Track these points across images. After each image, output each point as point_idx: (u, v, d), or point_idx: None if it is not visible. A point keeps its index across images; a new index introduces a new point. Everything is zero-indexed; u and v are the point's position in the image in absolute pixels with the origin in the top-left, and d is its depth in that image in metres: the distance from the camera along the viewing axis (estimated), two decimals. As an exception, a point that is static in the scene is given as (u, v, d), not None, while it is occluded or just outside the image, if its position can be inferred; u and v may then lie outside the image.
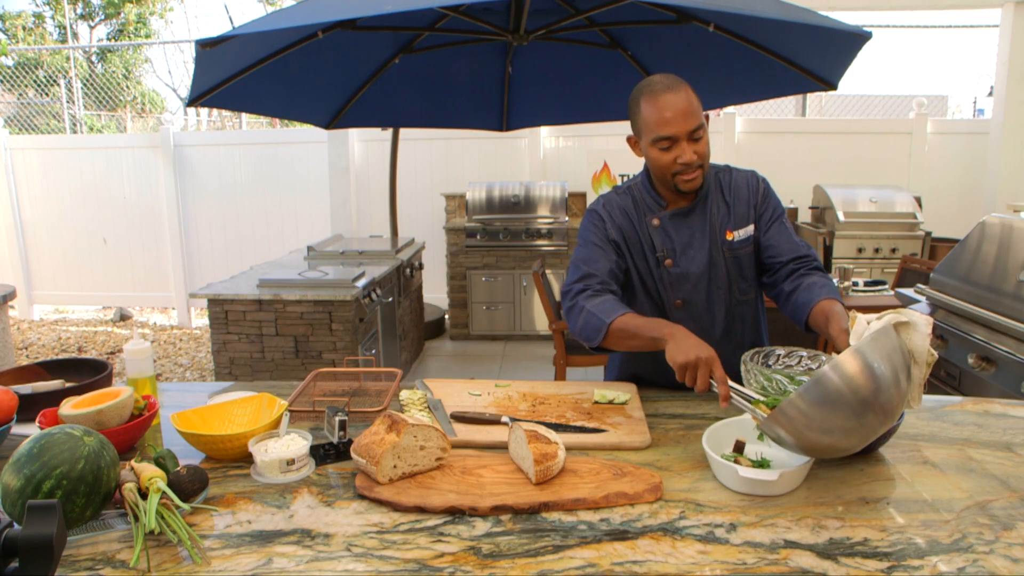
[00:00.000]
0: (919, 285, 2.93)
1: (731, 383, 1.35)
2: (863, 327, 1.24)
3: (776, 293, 1.73)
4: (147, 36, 14.64)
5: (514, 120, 3.48)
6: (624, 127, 1.79)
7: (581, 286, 1.68)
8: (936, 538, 1.06)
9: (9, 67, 11.25)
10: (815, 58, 2.46)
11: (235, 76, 2.37)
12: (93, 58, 14.17)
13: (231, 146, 6.57)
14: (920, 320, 1.17)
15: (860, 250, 5.11)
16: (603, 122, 3.45)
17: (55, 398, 1.48)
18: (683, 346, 1.41)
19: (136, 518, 1.08)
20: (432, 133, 6.17)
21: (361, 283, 3.75)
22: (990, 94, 6.64)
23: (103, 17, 14.57)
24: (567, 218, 5.62)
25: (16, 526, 0.78)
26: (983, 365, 2.42)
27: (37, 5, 14.01)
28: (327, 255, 4.64)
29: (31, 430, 1.32)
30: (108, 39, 14.74)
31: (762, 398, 1.32)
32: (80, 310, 7.28)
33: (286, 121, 8.48)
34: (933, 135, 6.05)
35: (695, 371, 1.38)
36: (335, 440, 1.40)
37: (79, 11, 14.31)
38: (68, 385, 1.68)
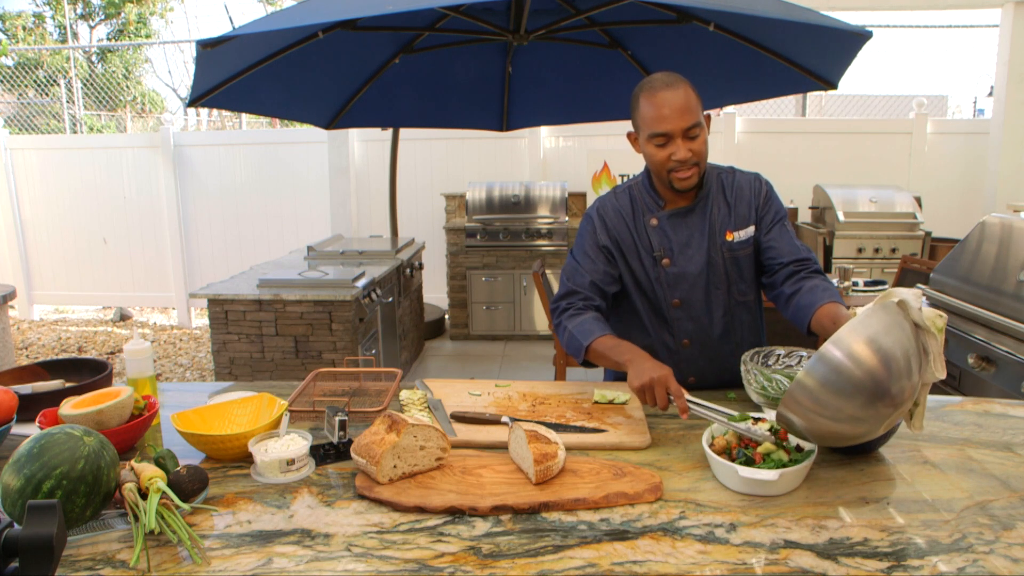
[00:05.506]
0: (919, 285, 2.92)
1: (688, 396, 1.39)
2: None
3: (776, 295, 1.73)
4: (147, 36, 14.63)
5: (514, 120, 3.48)
6: (624, 127, 1.80)
7: (564, 304, 1.76)
8: (936, 538, 1.07)
9: (9, 67, 11.25)
10: (815, 58, 2.46)
11: (235, 76, 2.37)
12: (93, 58, 14.16)
13: (231, 146, 6.57)
14: (908, 294, 1.16)
15: (860, 250, 5.11)
16: (603, 122, 3.46)
17: (55, 398, 1.48)
18: (638, 370, 1.46)
19: (136, 518, 1.08)
20: (432, 133, 6.16)
21: (361, 283, 3.75)
22: (990, 94, 6.64)
23: (103, 17, 14.56)
24: (567, 218, 5.62)
25: (16, 526, 0.78)
26: (983, 365, 2.42)
27: (37, 5, 14.01)
28: (327, 255, 4.64)
29: (31, 430, 1.32)
30: (108, 39, 14.74)
31: (722, 409, 1.36)
32: (80, 310, 7.27)
33: (286, 121, 8.49)
34: (933, 135, 6.04)
35: (652, 391, 1.42)
36: (335, 440, 1.40)
37: (79, 11, 14.30)
38: (68, 385, 1.68)
